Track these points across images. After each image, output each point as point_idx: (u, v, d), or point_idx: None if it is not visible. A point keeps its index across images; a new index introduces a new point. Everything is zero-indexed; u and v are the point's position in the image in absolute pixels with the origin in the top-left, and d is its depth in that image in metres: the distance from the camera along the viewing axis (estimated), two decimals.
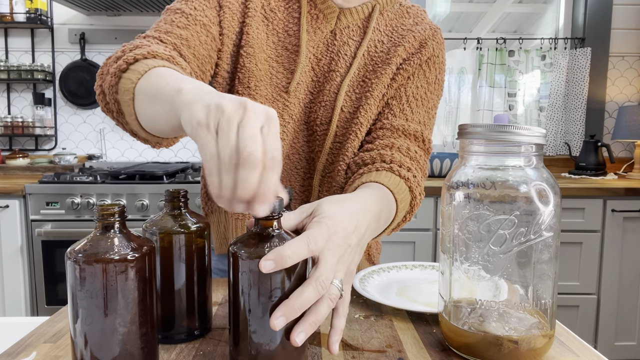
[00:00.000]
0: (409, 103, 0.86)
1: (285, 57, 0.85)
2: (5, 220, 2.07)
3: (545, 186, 0.52)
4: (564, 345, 0.60)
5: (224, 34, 0.81)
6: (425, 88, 0.87)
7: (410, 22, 0.90)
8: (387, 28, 0.89)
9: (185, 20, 0.78)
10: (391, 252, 2.11)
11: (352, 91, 0.85)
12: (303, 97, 0.86)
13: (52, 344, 0.59)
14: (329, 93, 0.85)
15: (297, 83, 0.84)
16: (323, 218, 0.52)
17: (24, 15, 2.54)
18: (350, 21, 0.86)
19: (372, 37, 0.87)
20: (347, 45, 0.86)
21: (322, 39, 0.86)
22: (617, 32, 2.63)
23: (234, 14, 0.82)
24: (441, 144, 2.70)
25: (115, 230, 0.48)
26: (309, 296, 0.47)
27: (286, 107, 0.85)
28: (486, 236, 0.53)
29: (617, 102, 2.67)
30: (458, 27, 3.15)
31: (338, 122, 0.85)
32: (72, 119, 2.71)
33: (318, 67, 0.86)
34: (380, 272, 0.85)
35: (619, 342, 2.16)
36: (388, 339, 0.61)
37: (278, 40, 0.85)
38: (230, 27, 0.82)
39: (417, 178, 0.79)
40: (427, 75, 0.88)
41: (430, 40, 0.88)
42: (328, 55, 0.86)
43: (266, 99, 0.84)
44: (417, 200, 0.79)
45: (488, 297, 0.54)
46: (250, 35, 0.82)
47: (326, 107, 0.85)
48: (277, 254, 0.46)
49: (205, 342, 0.60)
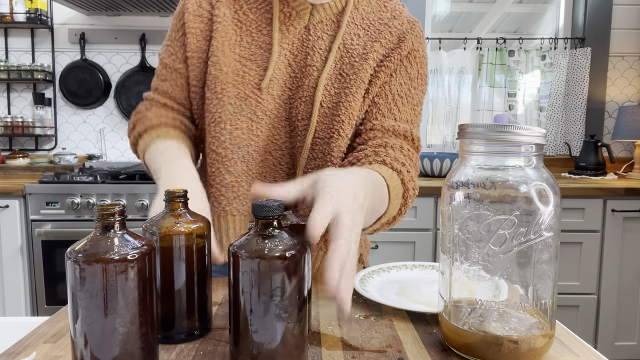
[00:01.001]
0: (395, 102, 0.87)
1: (258, 55, 0.87)
2: (5, 220, 2.07)
3: (545, 186, 0.52)
4: (564, 345, 0.60)
5: (189, 57, 0.90)
6: (408, 84, 0.88)
7: (388, 16, 0.90)
8: (363, 22, 0.89)
9: (165, 72, 0.93)
10: (391, 252, 2.11)
11: (331, 85, 0.86)
12: (280, 94, 0.88)
13: (52, 344, 0.59)
14: (308, 88, 0.86)
15: (270, 80, 0.86)
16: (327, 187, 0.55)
17: (24, 15, 2.54)
18: (324, 16, 0.88)
19: (347, 30, 0.88)
20: (321, 40, 0.87)
21: (297, 35, 0.87)
22: (617, 32, 2.63)
23: (198, 36, 0.89)
24: (441, 144, 2.70)
25: (115, 230, 0.48)
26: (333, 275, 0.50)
27: (259, 104, 0.87)
28: (486, 236, 0.53)
29: (617, 102, 2.67)
30: (458, 27, 3.15)
31: (318, 117, 0.86)
32: (72, 119, 2.71)
33: (295, 62, 0.88)
34: (380, 272, 0.85)
35: (619, 342, 2.16)
36: (388, 339, 0.61)
37: (252, 39, 0.88)
38: (196, 49, 0.90)
39: (410, 173, 0.81)
40: (409, 71, 0.88)
41: (409, 34, 0.88)
42: (303, 50, 0.87)
43: (237, 97, 0.87)
44: (410, 194, 0.80)
45: (488, 297, 0.54)
46: (215, 45, 0.87)
47: (306, 103, 0.86)
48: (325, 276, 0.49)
49: (205, 342, 0.60)
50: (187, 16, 0.89)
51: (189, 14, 0.89)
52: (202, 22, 0.89)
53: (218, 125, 0.88)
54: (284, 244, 0.48)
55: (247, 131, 0.88)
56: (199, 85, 0.91)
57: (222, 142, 0.88)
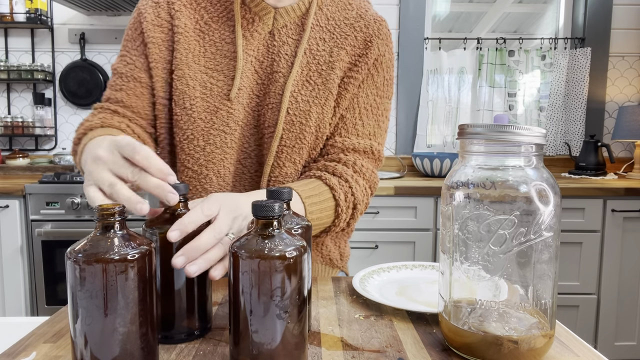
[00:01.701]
0: (360, 116, 0.89)
1: (224, 64, 0.85)
2: (5, 220, 2.07)
3: (545, 186, 0.52)
4: (564, 345, 0.60)
5: (152, 67, 0.87)
6: (374, 94, 0.90)
7: (354, 15, 0.89)
8: (328, 23, 0.88)
9: (120, 81, 0.89)
10: (391, 252, 2.11)
11: (298, 92, 0.85)
12: (248, 102, 0.86)
13: (52, 344, 0.59)
14: (275, 95, 0.85)
15: (239, 89, 0.85)
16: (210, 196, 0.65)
17: (24, 15, 2.54)
18: (287, 20, 0.86)
19: (312, 34, 0.87)
20: (287, 45, 0.86)
21: (261, 41, 0.86)
22: (617, 32, 2.63)
23: (160, 45, 0.86)
24: (441, 144, 2.70)
25: (115, 230, 0.48)
26: (206, 239, 0.57)
27: (230, 115, 0.85)
28: (486, 236, 0.53)
29: (617, 102, 2.67)
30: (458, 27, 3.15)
31: (285, 124, 0.85)
32: (72, 119, 2.71)
33: (261, 69, 0.86)
34: (380, 272, 0.85)
35: (619, 342, 2.16)
36: (388, 339, 0.61)
37: (216, 49, 0.86)
38: (158, 58, 0.87)
39: (352, 188, 0.85)
40: (376, 79, 0.89)
41: (375, 38, 0.88)
42: (269, 56, 0.86)
43: (207, 112, 0.84)
44: (343, 208, 0.84)
45: (488, 297, 0.54)
46: (178, 58, 0.85)
47: (273, 110, 0.85)
48: (180, 223, 0.56)
49: (205, 342, 0.60)
50: (146, 26, 0.86)
51: (148, 23, 0.86)
52: (162, 32, 0.86)
53: (191, 142, 0.86)
54: (284, 244, 0.48)
55: (220, 144, 0.86)
56: (165, 97, 0.88)
57: (196, 159, 0.87)
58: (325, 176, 0.85)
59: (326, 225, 0.85)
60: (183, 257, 0.56)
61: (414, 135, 2.67)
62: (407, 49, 2.62)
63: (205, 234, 0.58)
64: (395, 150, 2.69)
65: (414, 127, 2.67)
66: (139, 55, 0.88)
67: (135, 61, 0.88)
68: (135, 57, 0.88)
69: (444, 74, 2.66)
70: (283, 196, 0.59)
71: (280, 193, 0.59)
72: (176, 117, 0.86)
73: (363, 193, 0.88)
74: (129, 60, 0.88)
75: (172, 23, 0.86)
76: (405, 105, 2.66)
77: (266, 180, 0.88)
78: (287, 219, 0.60)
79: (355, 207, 0.87)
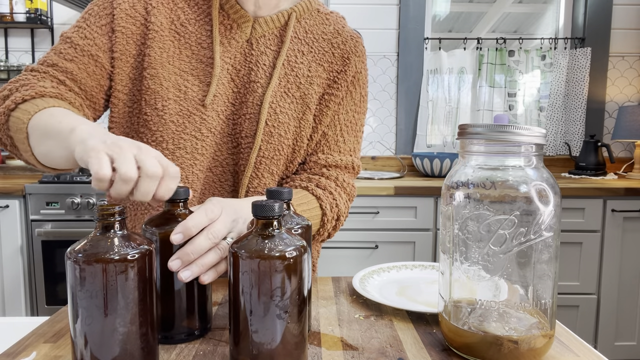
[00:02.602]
0: (341, 133, 0.91)
1: (200, 70, 0.83)
2: (5, 220, 2.07)
3: (545, 186, 0.52)
4: (564, 345, 0.60)
5: (116, 58, 0.82)
6: (353, 110, 0.92)
7: (331, 30, 0.90)
8: (307, 36, 0.88)
9: (72, 52, 0.81)
10: (391, 252, 2.11)
11: (277, 104, 0.85)
12: (223, 109, 0.85)
13: (52, 344, 0.59)
14: (253, 105, 0.84)
15: (214, 95, 0.83)
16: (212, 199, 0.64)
17: (24, 15, 2.54)
18: (266, 30, 0.86)
19: (290, 46, 0.87)
20: (265, 55, 0.85)
21: (239, 49, 0.85)
22: (617, 32, 2.63)
23: (129, 38, 0.83)
24: (441, 144, 2.70)
25: (115, 230, 0.48)
26: (201, 243, 0.57)
27: (204, 121, 0.83)
28: (486, 236, 0.53)
29: (617, 102, 2.67)
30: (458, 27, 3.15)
31: (263, 135, 0.84)
32: None
33: (238, 77, 0.85)
34: (380, 272, 0.85)
35: (619, 342, 2.16)
36: (388, 339, 0.61)
37: (192, 53, 0.84)
38: (124, 51, 0.83)
39: (336, 200, 0.87)
40: (354, 96, 0.91)
41: (352, 55, 0.90)
42: (247, 65, 0.85)
43: (179, 115, 0.82)
44: (328, 217, 0.86)
45: (488, 297, 0.54)
46: (152, 56, 0.82)
47: (250, 120, 0.84)
48: (183, 226, 0.56)
49: (205, 342, 0.60)
50: (119, 13, 0.82)
51: (121, 11, 0.82)
52: (135, 25, 0.83)
53: (160, 145, 0.83)
54: (284, 244, 0.48)
55: (191, 150, 0.83)
56: (123, 92, 0.84)
57: None
58: (310, 187, 0.86)
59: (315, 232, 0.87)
60: (178, 261, 0.56)
61: (414, 135, 2.67)
62: (407, 49, 2.62)
63: (201, 237, 0.58)
64: (395, 150, 2.69)
65: (414, 127, 2.67)
66: (102, 35, 0.82)
67: (95, 38, 0.82)
68: (96, 35, 0.82)
69: (444, 74, 2.66)
70: (283, 196, 0.59)
71: (280, 193, 0.59)
72: (146, 117, 0.83)
73: (345, 205, 0.91)
74: (88, 34, 0.82)
75: (147, 19, 0.83)
76: (405, 105, 2.66)
77: (244, 191, 0.86)
78: (287, 219, 0.60)
79: (338, 219, 0.89)
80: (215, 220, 0.60)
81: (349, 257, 2.10)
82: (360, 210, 2.08)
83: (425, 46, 2.66)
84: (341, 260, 2.10)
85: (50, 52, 0.83)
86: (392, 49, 2.64)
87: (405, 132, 2.68)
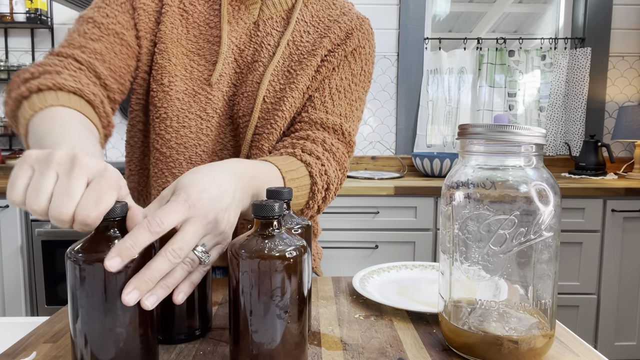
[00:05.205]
0: (331, 95, 0.85)
1: (206, 49, 0.83)
2: (5, 220, 2.07)
3: (545, 186, 0.52)
4: (564, 345, 0.60)
5: (141, 37, 0.81)
6: (349, 80, 0.87)
7: (337, 13, 0.90)
8: (313, 19, 0.88)
9: (97, 32, 0.77)
10: (391, 252, 2.11)
11: (277, 81, 0.84)
12: (227, 90, 0.84)
13: (52, 344, 0.59)
14: (252, 84, 0.84)
15: (220, 75, 0.82)
16: (182, 190, 0.52)
17: (24, 15, 2.54)
18: (274, 12, 0.86)
19: (296, 27, 0.87)
20: (270, 36, 0.85)
21: (245, 30, 0.85)
22: (617, 32, 2.63)
23: (149, 15, 0.81)
24: (441, 144, 2.70)
25: (115, 230, 0.48)
26: (158, 266, 0.47)
27: (209, 101, 0.82)
28: (486, 236, 0.53)
29: (617, 102, 2.67)
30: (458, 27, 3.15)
31: (260, 112, 0.83)
32: None
33: (241, 58, 0.85)
34: (380, 272, 0.85)
35: (619, 342, 2.16)
36: (388, 339, 0.61)
37: (199, 33, 0.84)
38: (146, 28, 0.81)
39: (324, 167, 0.79)
40: (352, 67, 0.88)
41: (357, 30, 0.88)
42: (251, 46, 0.85)
43: (185, 94, 0.81)
44: (319, 187, 0.78)
45: (488, 297, 0.54)
46: (163, 31, 0.81)
47: (248, 98, 0.84)
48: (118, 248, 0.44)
49: (205, 342, 0.60)
50: None
51: None
52: (153, 2, 0.82)
53: (163, 122, 0.82)
54: (284, 244, 0.48)
55: (195, 130, 0.82)
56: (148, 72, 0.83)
57: (167, 140, 0.82)
58: (297, 153, 0.78)
59: (300, 206, 0.79)
60: (135, 292, 0.45)
61: (414, 135, 2.67)
62: (407, 49, 2.62)
63: (158, 259, 0.47)
64: (395, 150, 2.69)
65: (414, 127, 2.67)
66: (123, 13, 0.80)
67: (117, 16, 0.79)
68: (118, 13, 0.80)
69: (444, 74, 2.66)
70: (283, 196, 0.59)
71: (280, 193, 0.59)
72: (152, 92, 0.82)
73: (335, 175, 0.82)
74: (110, 13, 0.79)
75: None
76: (405, 105, 2.66)
77: None
78: (287, 219, 0.60)
79: (328, 189, 0.81)
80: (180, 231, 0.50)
81: (349, 257, 2.10)
82: (360, 210, 2.08)
83: (425, 46, 2.66)
84: (341, 260, 2.10)
85: (72, 33, 0.78)
86: (392, 49, 2.64)
87: (405, 132, 2.68)
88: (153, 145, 0.84)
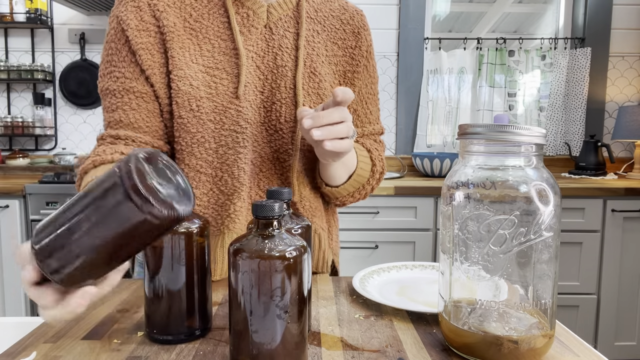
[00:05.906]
0: (368, 106, 0.98)
1: (225, 62, 0.83)
2: (5, 220, 2.07)
3: (545, 186, 0.52)
4: (564, 345, 0.60)
5: (150, 75, 0.82)
6: (370, 82, 0.98)
7: (337, 7, 0.94)
8: (317, 15, 0.91)
9: (114, 100, 0.83)
10: (391, 252, 2.11)
11: (308, 85, 0.87)
12: (253, 99, 0.84)
13: (52, 344, 0.59)
14: (286, 89, 0.85)
15: (245, 85, 0.83)
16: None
17: (24, 15, 2.54)
18: (282, 13, 0.87)
19: (306, 26, 0.89)
20: (285, 38, 0.87)
21: (259, 36, 0.85)
22: (617, 32, 2.63)
23: (150, 51, 0.82)
24: (441, 144, 2.70)
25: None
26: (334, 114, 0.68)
27: (240, 113, 0.82)
28: (486, 236, 0.53)
29: (617, 102, 2.67)
30: (458, 27, 3.15)
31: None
32: (72, 119, 2.71)
33: (263, 64, 0.85)
34: (380, 272, 0.85)
35: (619, 342, 2.16)
36: (388, 339, 0.61)
37: (213, 47, 0.83)
38: (153, 65, 0.82)
39: (381, 155, 0.95)
40: (369, 69, 0.96)
41: (362, 30, 0.94)
42: (270, 51, 0.86)
43: (215, 112, 0.81)
44: (377, 169, 0.94)
45: (488, 297, 0.54)
46: (176, 57, 0.81)
47: (287, 104, 0.85)
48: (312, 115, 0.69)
49: (205, 342, 0.60)
50: (131, 32, 0.81)
51: (132, 30, 0.81)
52: (150, 36, 0.82)
53: (202, 145, 0.82)
54: (284, 244, 0.48)
55: (232, 145, 0.83)
56: (169, 104, 0.84)
57: (210, 162, 0.84)
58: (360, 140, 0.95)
59: (361, 184, 0.93)
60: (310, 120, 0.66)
61: (414, 135, 2.67)
62: (407, 49, 2.62)
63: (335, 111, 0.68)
64: (395, 150, 2.69)
65: (414, 127, 2.67)
66: (128, 64, 0.83)
67: (124, 73, 0.83)
68: (124, 69, 0.83)
69: (444, 74, 2.66)
70: (283, 196, 0.59)
71: (280, 193, 0.59)
72: (181, 120, 0.82)
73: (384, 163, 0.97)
74: (118, 74, 0.83)
75: (159, 25, 0.82)
76: (405, 105, 2.66)
77: (295, 175, 0.87)
78: (287, 219, 0.60)
79: (382, 172, 0.95)
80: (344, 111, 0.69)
81: (349, 257, 2.10)
82: (360, 210, 2.08)
83: (425, 46, 2.66)
84: (341, 260, 2.10)
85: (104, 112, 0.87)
86: (392, 49, 2.64)
87: (405, 132, 2.68)
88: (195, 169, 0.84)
